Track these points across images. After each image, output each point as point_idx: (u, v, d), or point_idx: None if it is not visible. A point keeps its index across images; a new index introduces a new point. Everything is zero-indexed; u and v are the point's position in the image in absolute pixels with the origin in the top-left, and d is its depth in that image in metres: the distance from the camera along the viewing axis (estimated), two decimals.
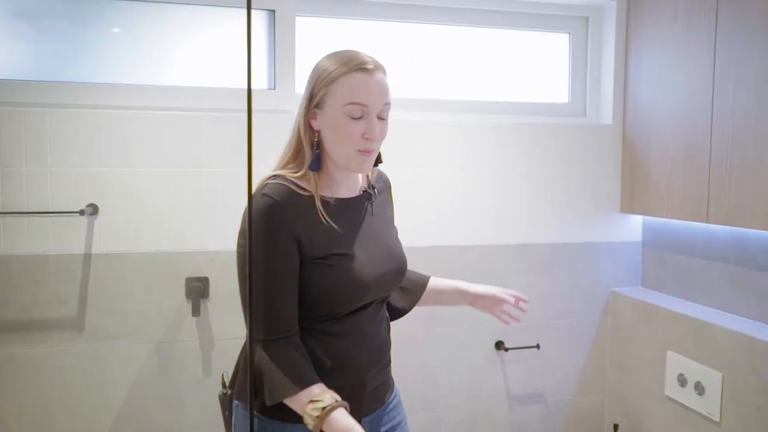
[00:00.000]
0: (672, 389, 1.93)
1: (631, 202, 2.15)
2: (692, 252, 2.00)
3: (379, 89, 1.19)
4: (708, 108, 1.79)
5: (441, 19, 2.12)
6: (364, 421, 1.28)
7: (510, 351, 2.12)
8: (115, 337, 1.83)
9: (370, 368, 1.27)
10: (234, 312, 1.84)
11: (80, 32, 1.85)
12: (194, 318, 1.87)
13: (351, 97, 1.17)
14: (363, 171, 1.26)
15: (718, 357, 1.76)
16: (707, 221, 1.80)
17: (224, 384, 1.35)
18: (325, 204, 1.23)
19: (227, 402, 1.31)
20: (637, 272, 2.24)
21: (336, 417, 1.09)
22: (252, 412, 1.18)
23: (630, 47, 2.15)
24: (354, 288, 1.21)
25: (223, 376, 1.36)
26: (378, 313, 1.31)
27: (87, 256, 1.80)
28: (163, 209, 1.84)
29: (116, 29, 1.88)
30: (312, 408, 1.10)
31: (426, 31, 2.13)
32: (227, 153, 1.87)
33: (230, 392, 1.30)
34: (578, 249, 2.18)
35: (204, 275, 1.87)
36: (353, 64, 1.17)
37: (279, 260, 1.16)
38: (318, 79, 1.20)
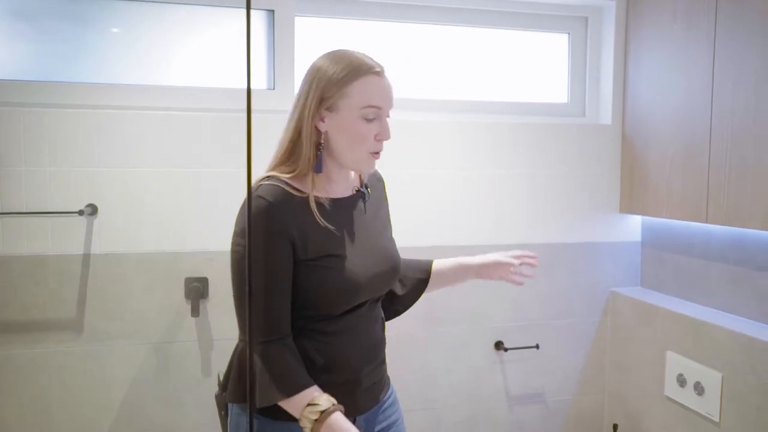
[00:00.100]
0: (671, 389, 1.93)
1: (631, 203, 2.15)
2: (691, 252, 2.00)
3: (389, 91, 1.24)
4: (707, 108, 1.79)
5: (440, 19, 2.12)
6: (360, 420, 1.28)
7: (509, 351, 2.12)
8: (115, 338, 1.83)
9: (365, 366, 1.28)
10: (233, 312, 1.84)
11: (79, 32, 1.85)
12: (193, 318, 1.87)
13: (369, 101, 1.19)
14: (370, 171, 1.29)
15: (718, 357, 1.76)
16: (706, 221, 1.80)
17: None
18: (320, 205, 1.22)
19: (224, 402, 1.31)
20: (637, 272, 2.25)
21: (333, 420, 1.11)
22: (252, 414, 1.17)
23: (629, 47, 2.15)
24: (348, 289, 1.22)
25: (219, 377, 1.36)
26: (372, 312, 1.32)
27: (86, 257, 1.80)
28: (163, 209, 1.84)
29: (115, 29, 1.88)
30: (309, 411, 1.11)
31: (425, 31, 2.13)
32: (226, 153, 1.87)
33: (223, 394, 1.29)
34: (578, 249, 2.18)
35: (203, 275, 1.87)
36: (365, 68, 1.19)
37: (273, 262, 1.17)
38: (328, 82, 1.19)
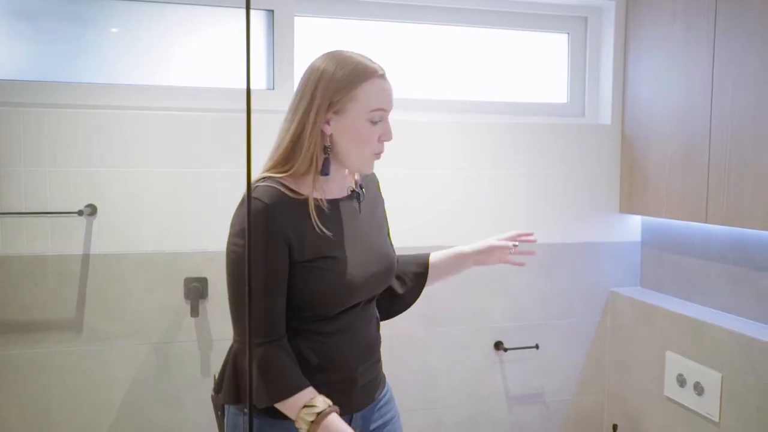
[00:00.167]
0: (671, 389, 1.93)
1: (630, 203, 2.15)
2: (691, 252, 2.00)
3: (391, 93, 1.26)
4: (707, 108, 1.79)
5: (440, 19, 2.12)
6: (356, 417, 1.30)
7: (509, 351, 2.12)
8: (114, 338, 1.83)
9: (360, 364, 1.29)
10: None
11: (79, 32, 1.85)
12: (193, 318, 1.86)
13: (377, 103, 1.22)
14: (370, 171, 1.31)
15: (718, 357, 1.76)
16: (706, 221, 1.80)
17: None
18: (318, 209, 1.23)
19: (220, 403, 1.31)
20: (636, 272, 2.25)
21: (330, 422, 1.13)
22: (251, 415, 1.18)
23: (629, 47, 2.15)
24: (343, 290, 1.23)
25: (215, 377, 1.36)
26: (367, 311, 1.33)
27: (86, 257, 1.79)
28: (162, 209, 1.84)
29: (115, 29, 1.88)
30: (306, 413, 1.13)
31: (425, 31, 2.13)
32: (226, 153, 1.87)
33: (218, 395, 1.30)
34: (577, 249, 2.18)
35: (203, 276, 1.87)
36: (371, 71, 1.21)
37: (269, 263, 1.17)
38: (337, 85, 1.19)
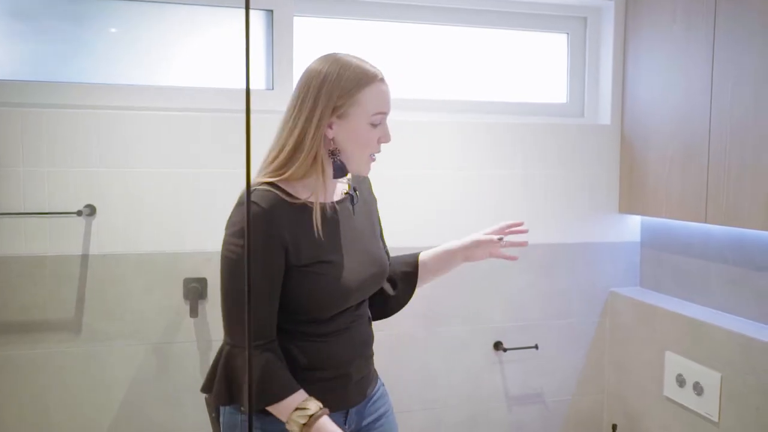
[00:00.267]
0: (671, 389, 1.93)
1: (630, 203, 2.15)
2: (690, 252, 2.00)
3: (390, 96, 1.28)
4: (706, 108, 1.79)
5: (439, 20, 2.12)
6: (351, 412, 1.32)
7: (509, 351, 2.12)
8: (114, 338, 1.82)
9: (355, 362, 1.32)
10: None
11: (78, 32, 1.85)
12: (192, 319, 1.86)
13: (378, 107, 1.24)
14: (367, 173, 1.33)
15: (717, 357, 1.76)
16: (705, 221, 1.80)
17: None
18: (319, 213, 1.24)
19: (214, 405, 1.32)
20: (636, 272, 2.25)
21: (321, 424, 1.15)
22: (251, 416, 1.18)
23: (628, 47, 2.15)
24: (339, 294, 1.25)
25: None
26: (360, 311, 1.35)
27: (84, 257, 1.79)
28: (161, 210, 1.84)
29: (114, 29, 1.87)
30: (298, 415, 1.16)
31: (424, 32, 2.13)
32: (225, 153, 1.87)
33: (207, 396, 1.30)
34: (577, 249, 2.18)
35: (202, 276, 1.87)
36: (372, 75, 1.23)
37: (265, 267, 1.18)
38: (341, 90, 1.20)
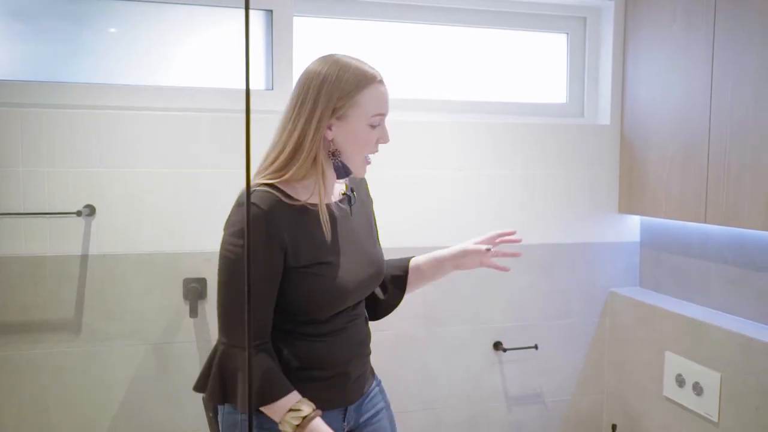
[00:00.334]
0: (670, 390, 1.93)
1: (629, 203, 2.15)
2: (690, 252, 2.00)
3: (388, 98, 1.29)
4: (706, 108, 1.79)
5: (439, 20, 2.12)
6: (350, 409, 1.34)
7: (508, 351, 2.12)
8: (113, 338, 1.82)
9: (353, 360, 1.33)
10: None
11: (77, 32, 1.85)
12: (192, 319, 1.86)
13: (378, 109, 1.25)
14: (363, 174, 1.33)
15: (717, 357, 1.76)
16: (705, 222, 1.80)
17: None
18: (315, 213, 1.24)
19: (212, 405, 1.33)
20: (635, 273, 2.25)
21: (315, 426, 1.17)
22: (251, 417, 1.18)
23: (628, 47, 2.15)
24: (337, 295, 1.25)
25: None
26: (357, 310, 1.36)
27: (84, 258, 1.79)
28: (161, 210, 1.83)
29: (114, 29, 1.87)
30: (292, 416, 1.17)
31: (424, 32, 2.13)
32: (225, 153, 1.87)
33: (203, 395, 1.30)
34: (576, 249, 2.18)
35: (202, 276, 1.86)
36: (370, 77, 1.23)
37: (262, 269, 1.19)
38: (341, 92, 1.21)
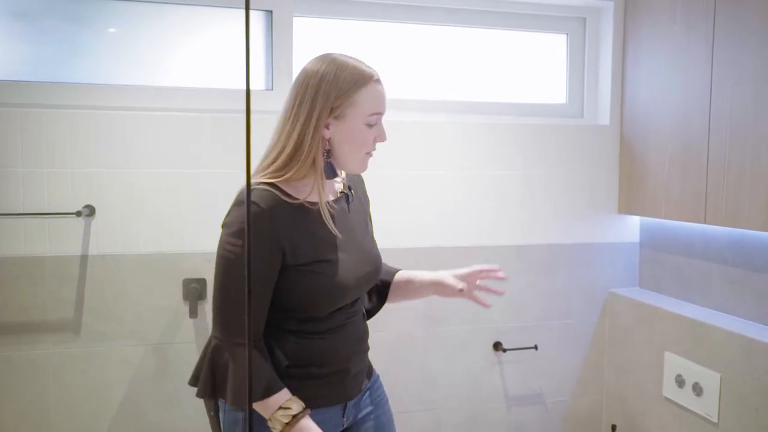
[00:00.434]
0: (670, 390, 1.93)
1: (629, 203, 2.16)
2: (690, 253, 2.00)
3: (385, 97, 1.29)
4: (706, 109, 1.79)
5: (439, 20, 2.12)
6: (349, 405, 1.35)
7: (508, 352, 2.12)
8: (113, 339, 1.82)
9: (352, 357, 1.34)
10: None
11: (77, 33, 1.85)
12: (191, 319, 1.86)
13: (375, 108, 1.25)
14: (364, 171, 1.33)
15: (716, 358, 1.76)
16: (705, 222, 1.80)
17: None
18: (316, 211, 1.24)
19: (213, 403, 1.34)
20: (635, 273, 2.25)
21: (304, 425, 1.18)
22: (251, 414, 1.18)
23: (627, 48, 2.15)
24: (336, 292, 1.26)
25: None
26: (354, 307, 1.37)
27: (84, 258, 1.79)
28: (161, 210, 1.83)
29: (113, 30, 1.87)
30: (281, 414, 1.18)
31: (424, 32, 2.13)
32: (225, 154, 1.87)
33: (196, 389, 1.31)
34: (576, 250, 2.18)
35: (201, 276, 1.86)
36: (368, 76, 1.24)
37: (259, 269, 1.19)
38: (338, 91, 1.21)
